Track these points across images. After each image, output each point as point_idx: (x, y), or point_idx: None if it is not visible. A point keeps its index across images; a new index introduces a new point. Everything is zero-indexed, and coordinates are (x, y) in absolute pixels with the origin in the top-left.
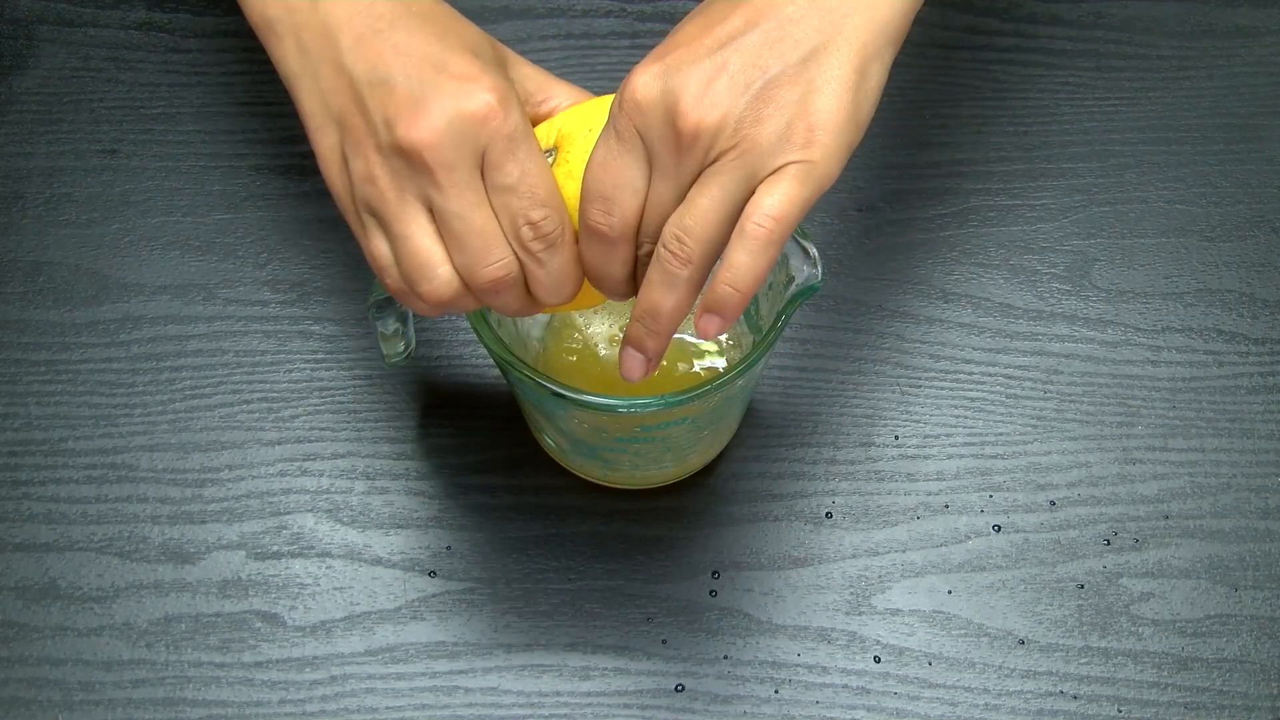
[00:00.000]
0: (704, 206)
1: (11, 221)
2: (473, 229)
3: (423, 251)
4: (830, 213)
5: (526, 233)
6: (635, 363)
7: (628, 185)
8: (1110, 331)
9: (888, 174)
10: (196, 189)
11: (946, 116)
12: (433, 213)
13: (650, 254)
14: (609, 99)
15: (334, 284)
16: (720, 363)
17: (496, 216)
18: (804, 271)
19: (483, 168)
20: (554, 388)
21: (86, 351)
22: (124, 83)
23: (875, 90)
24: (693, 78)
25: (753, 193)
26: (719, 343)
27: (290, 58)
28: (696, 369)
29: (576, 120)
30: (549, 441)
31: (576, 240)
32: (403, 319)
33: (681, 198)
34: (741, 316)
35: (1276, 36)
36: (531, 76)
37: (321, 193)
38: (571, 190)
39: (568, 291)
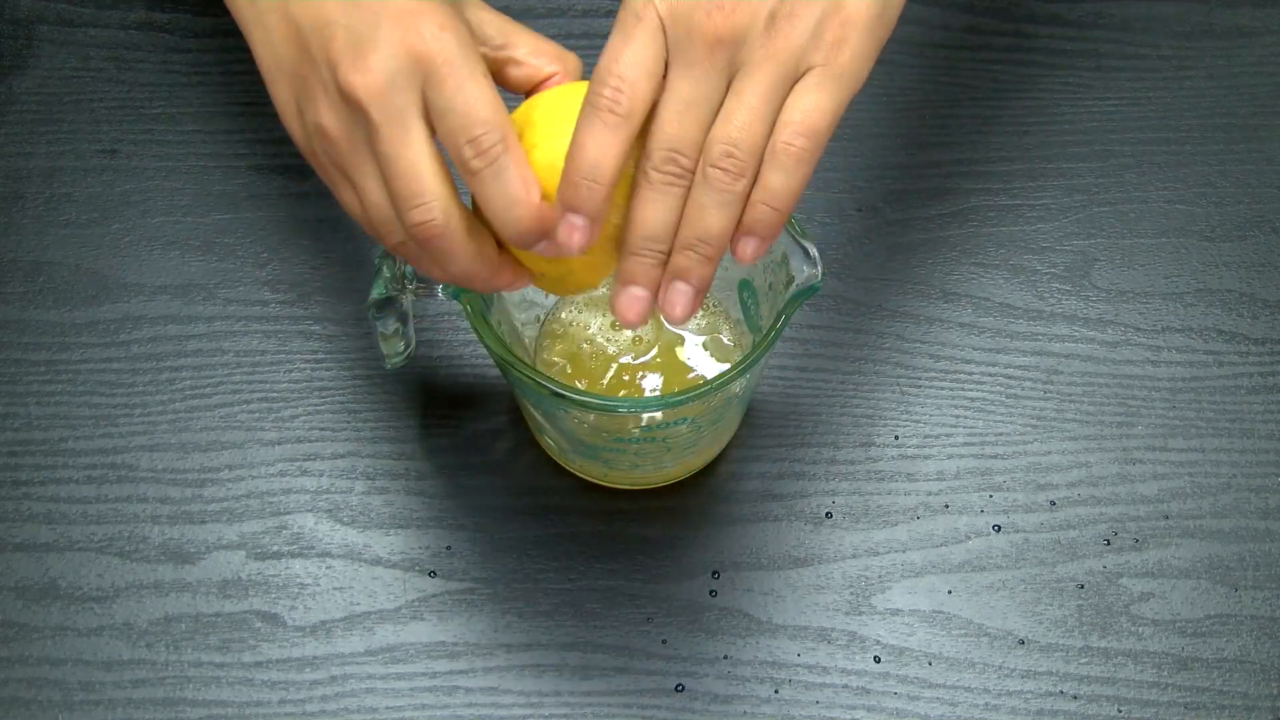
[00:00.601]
0: (746, 117)
1: (11, 221)
2: (398, 170)
3: (381, 204)
4: (830, 213)
5: (467, 152)
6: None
7: (643, 68)
8: (1110, 331)
9: (888, 174)
10: (196, 189)
11: (946, 116)
12: (378, 159)
13: (652, 169)
14: (581, 86)
15: (334, 284)
16: (700, 340)
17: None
18: (804, 272)
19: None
20: (554, 388)
21: (86, 351)
22: (124, 83)
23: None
24: None
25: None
26: (701, 321)
27: (243, 9)
28: (689, 364)
29: (547, 105)
30: (549, 441)
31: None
32: (403, 319)
33: (703, 102)
34: (741, 316)
35: (1276, 36)
36: (490, 21)
37: (321, 193)
38: (549, 162)
39: (522, 211)
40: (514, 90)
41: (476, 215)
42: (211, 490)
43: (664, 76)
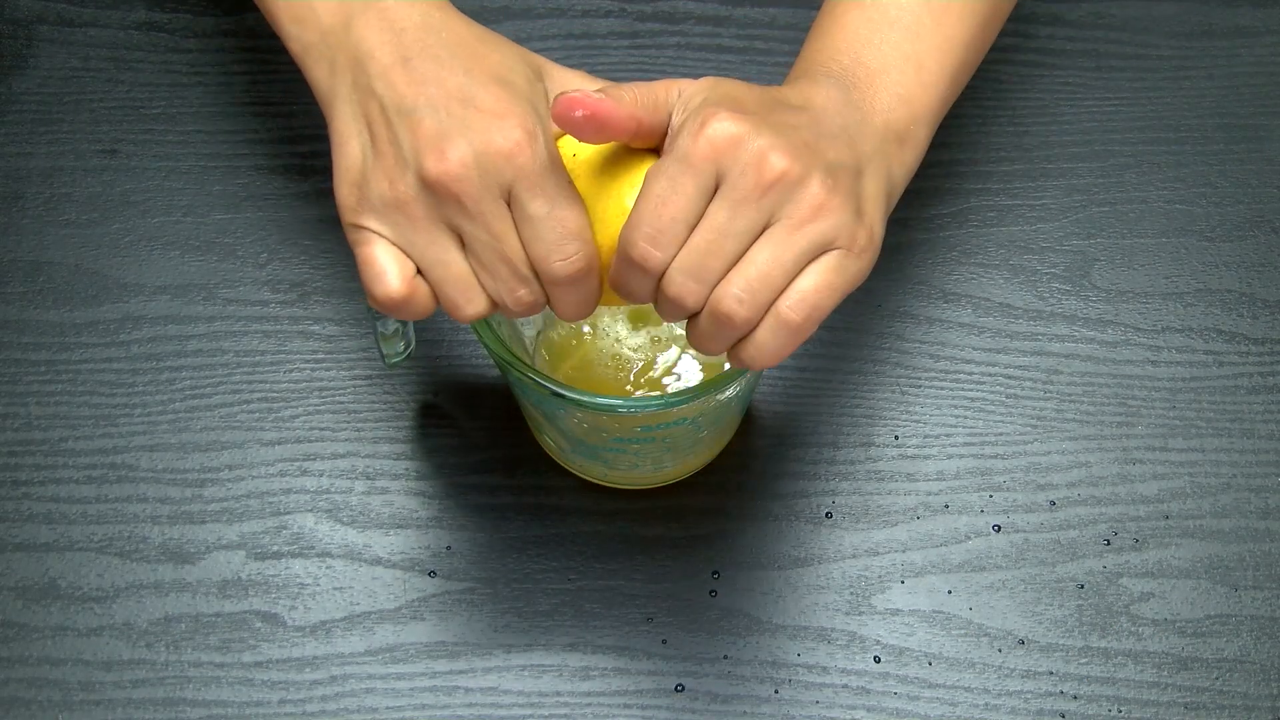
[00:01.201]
0: (772, 271)
1: (11, 221)
2: (502, 257)
3: (465, 277)
4: None
5: (558, 268)
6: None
7: (683, 221)
8: (1110, 331)
9: None
10: (196, 189)
11: (946, 116)
12: (462, 238)
13: (672, 271)
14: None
15: (334, 284)
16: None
17: (525, 247)
18: None
19: (509, 201)
20: (554, 388)
21: (86, 351)
22: (124, 83)
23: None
24: (782, 135)
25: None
26: None
27: (324, 80)
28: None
29: (588, 171)
30: (549, 441)
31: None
32: (402, 319)
33: (740, 235)
34: None
35: (1276, 36)
36: (570, 83)
37: (321, 193)
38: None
39: (589, 311)
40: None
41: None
42: (211, 490)
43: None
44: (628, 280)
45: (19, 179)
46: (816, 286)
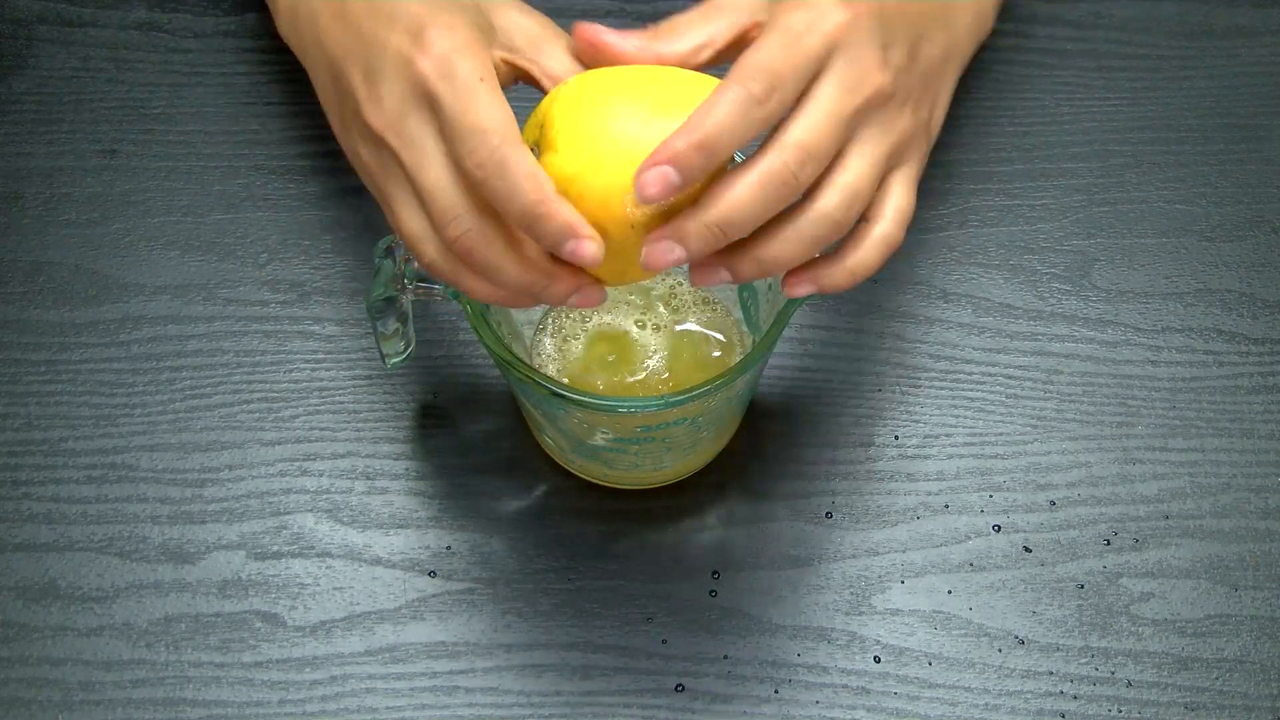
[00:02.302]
0: (861, 170)
1: (11, 221)
2: (425, 191)
3: (407, 225)
4: None
5: (468, 164)
6: (667, 255)
7: (793, 83)
8: (1110, 331)
9: None
10: (196, 189)
11: (946, 116)
12: (410, 181)
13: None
14: (594, 74)
15: (334, 284)
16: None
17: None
18: None
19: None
20: (553, 388)
21: (86, 351)
22: (124, 83)
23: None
24: (898, 33)
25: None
26: (702, 320)
27: (300, 57)
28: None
29: (566, 102)
30: (549, 441)
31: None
32: (403, 319)
33: (833, 125)
34: (741, 316)
35: (1276, 36)
36: (522, 29)
37: (321, 194)
38: (568, 173)
39: (540, 215)
40: None
41: None
42: (211, 490)
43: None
44: (726, 111)
45: (19, 179)
46: (900, 209)
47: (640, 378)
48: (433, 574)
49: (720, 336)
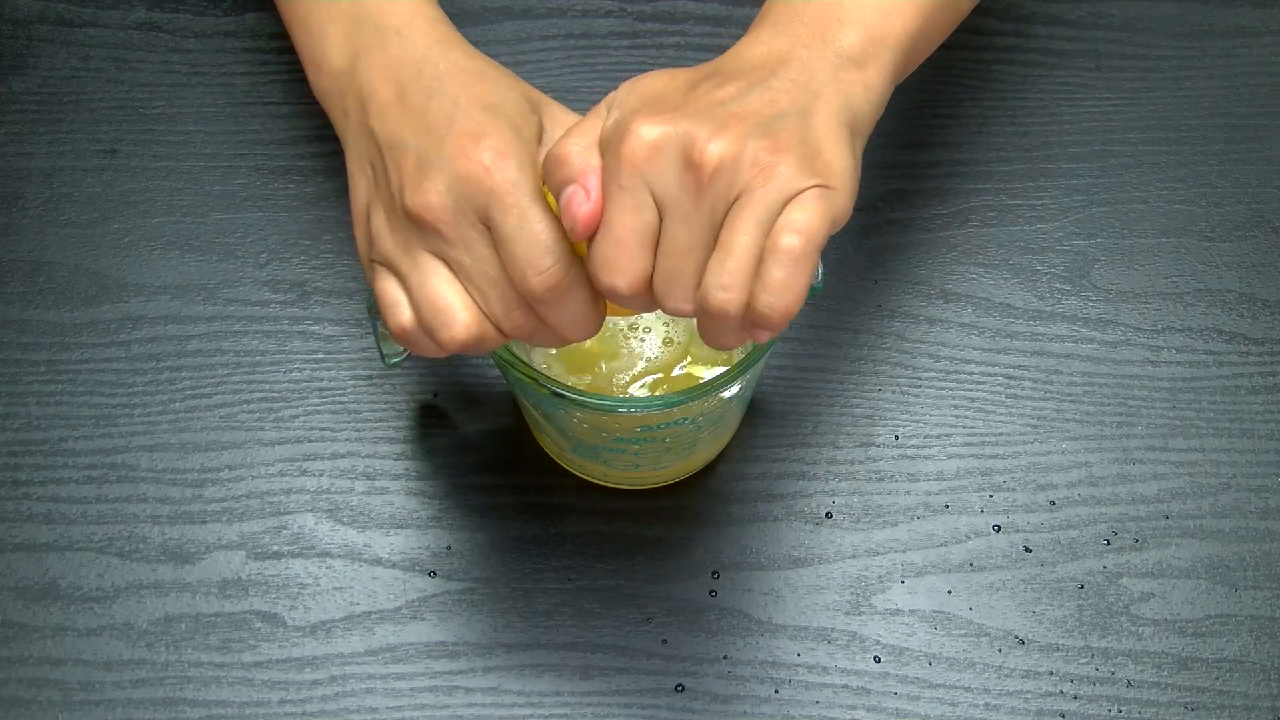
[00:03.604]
0: (743, 246)
1: (11, 221)
2: (490, 280)
3: (441, 298)
4: None
5: (535, 284)
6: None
7: (633, 241)
8: (1110, 331)
9: (888, 174)
10: (196, 189)
11: (946, 116)
12: (449, 265)
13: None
14: None
15: (334, 284)
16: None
17: (505, 268)
18: None
19: (490, 225)
20: (553, 388)
21: (86, 351)
22: (124, 83)
23: (858, 161)
24: (702, 121)
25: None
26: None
27: (338, 122)
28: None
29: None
30: (549, 441)
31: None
32: None
33: (703, 242)
34: None
35: (1276, 36)
36: (564, 122)
37: (321, 194)
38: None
39: (592, 326)
40: None
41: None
42: (211, 490)
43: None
44: (615, 303)
45: (19, 179)
46: (792, 224)
47: (639, 378)
48: (433, 574)
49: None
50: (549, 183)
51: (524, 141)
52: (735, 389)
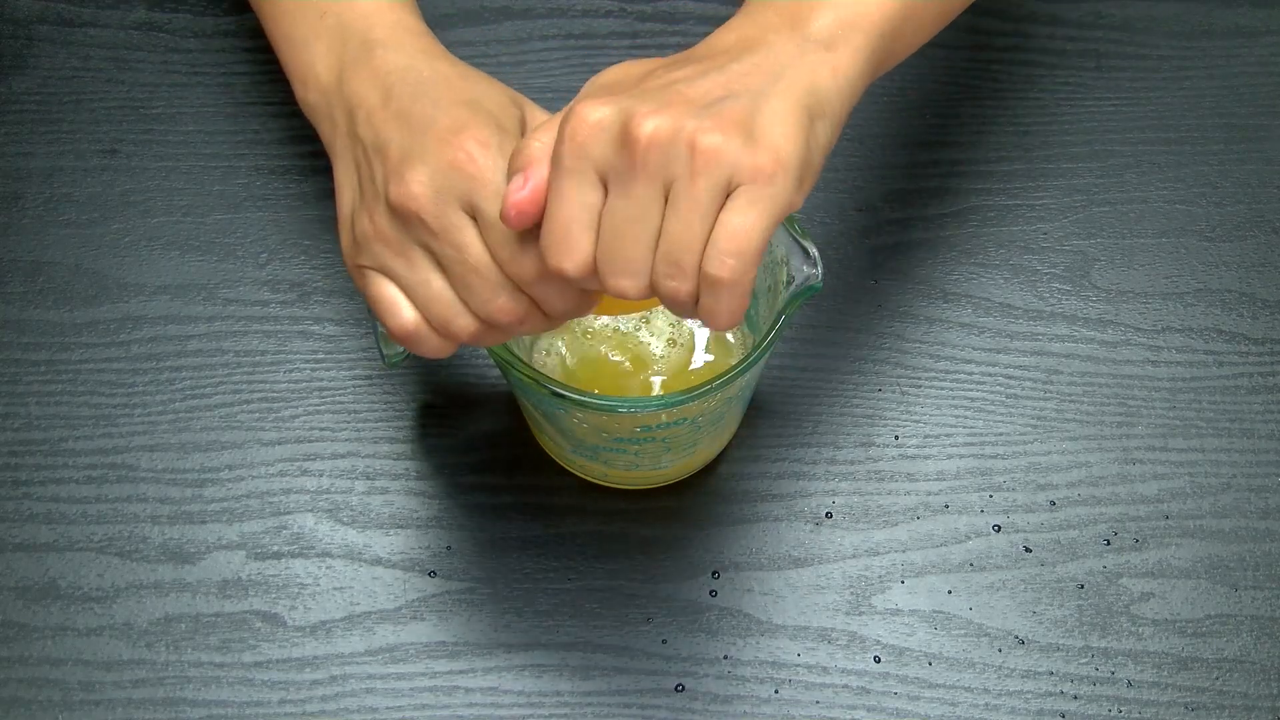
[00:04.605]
0: (685, 235)
1: (11, 221)
2: (471, 269)
3: (444, 294)
4: (830, 213)
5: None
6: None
7: (579, 221)
8: (1110, 331)
9: (888, 174)
10: (196, 189)
11: (946, 116)
12: (439, 262)
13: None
14: None
15: (334, 284)
16: (701, 341)
17: (492, 255)
18: (804, 272)
19: (475, 215)
20: (553, 388)
21: (86, 351)
22: (124, 83)
23: (824, 147)
24: (643, 100)
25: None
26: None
27: (326, 135)
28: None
29: None
30: (549, 441)
31: None
32: None
33: (641, 219)
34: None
35: (1276, 36)
36: (541, 119)
37: (322, 193)
38: None
39: (584, 305)
40: None
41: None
42: (211, 490)
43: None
44: (560, 288)
45: (19, 179)
46: (730, 234)
47: (639, 378)
48: (433, 574)
49: (721, 336)
50: (509, 176)
51: (506, 133)
52: (735, 389)
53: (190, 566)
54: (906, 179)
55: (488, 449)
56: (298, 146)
